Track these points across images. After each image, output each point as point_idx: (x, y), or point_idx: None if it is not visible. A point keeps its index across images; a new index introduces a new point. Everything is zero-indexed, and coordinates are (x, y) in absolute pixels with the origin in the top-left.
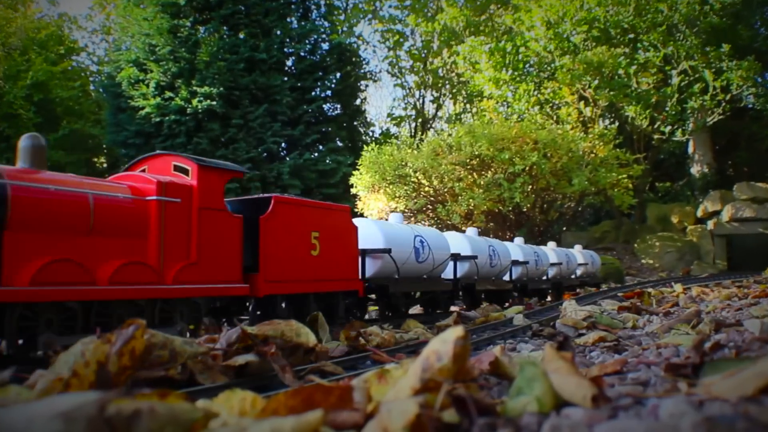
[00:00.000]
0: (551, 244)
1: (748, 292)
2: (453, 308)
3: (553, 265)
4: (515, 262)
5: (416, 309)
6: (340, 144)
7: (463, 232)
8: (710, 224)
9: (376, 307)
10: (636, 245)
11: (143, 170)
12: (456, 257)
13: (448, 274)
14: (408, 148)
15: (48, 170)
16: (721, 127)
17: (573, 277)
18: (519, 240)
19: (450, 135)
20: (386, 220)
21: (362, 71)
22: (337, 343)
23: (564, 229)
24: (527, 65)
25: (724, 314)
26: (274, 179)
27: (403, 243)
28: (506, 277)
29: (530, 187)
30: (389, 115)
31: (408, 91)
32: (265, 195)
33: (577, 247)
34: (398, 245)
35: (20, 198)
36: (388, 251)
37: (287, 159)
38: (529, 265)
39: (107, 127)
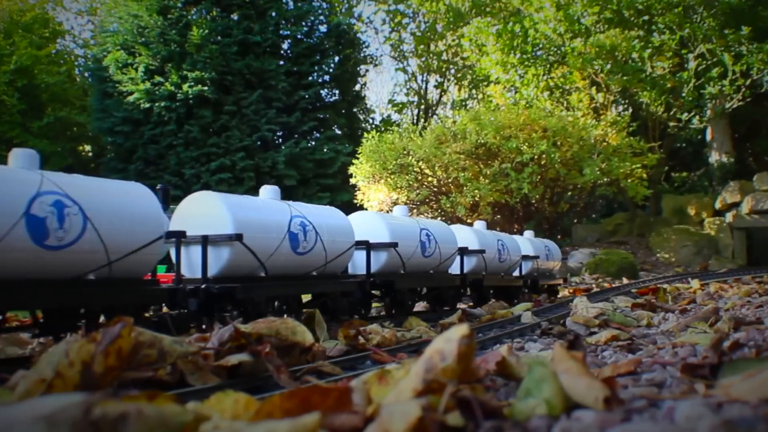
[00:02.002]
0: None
1: None
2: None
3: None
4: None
5: (420, 306)
6: (338, 132)
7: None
8: (729, 216)
9: (380, 304)
10: (651, 239)
11: None
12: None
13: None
14: (410, 136)
15: None
16: (740, 113)
17: (514, 275)
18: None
19: (454, 122)
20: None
21: (362, 55)
22: (335, 342)
23: (575, 221)
24: (536, 48)
25: (743, 312)
26: (268, 169)
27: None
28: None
29: (539, 177)
30: (390, 101)
31: (410, 75)
32: None
33: (527, 234)
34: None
35: None
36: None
37: (282, 148)
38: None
39: (93, 114)
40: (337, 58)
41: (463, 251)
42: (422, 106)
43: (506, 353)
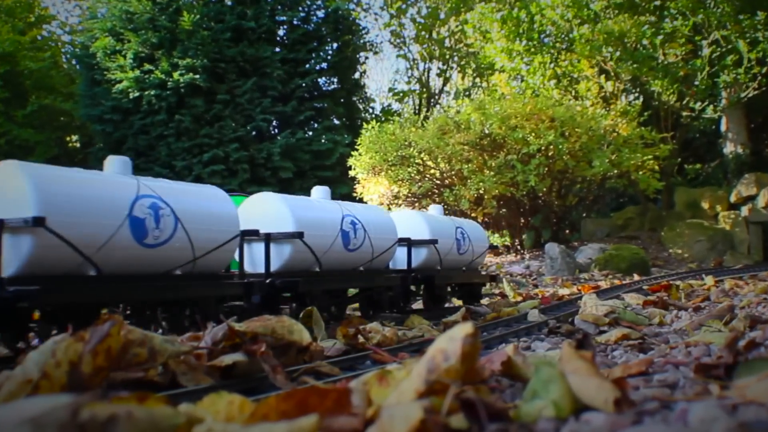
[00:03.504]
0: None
1: None
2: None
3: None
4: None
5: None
6: (336, 122)
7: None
8: (745, 210)
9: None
10: (663, 233)
11: None
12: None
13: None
14: (412, 126)
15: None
16: (756, 103)
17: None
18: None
19: (458, 112)
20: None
21: (362, 41)
22: (333, 342)
23: (584, 215)
24: (543, 35)
25: (759, 309)
26: (263, 161)
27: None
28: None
29: (546, 169)
30: (391, 89)
31: (412, 63)
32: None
33: (433, 208)
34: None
35: None
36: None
37: (278, 138)
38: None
39: (81, 102)
40: (335, 45)
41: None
42: (424, 95)
43: (512, 353)
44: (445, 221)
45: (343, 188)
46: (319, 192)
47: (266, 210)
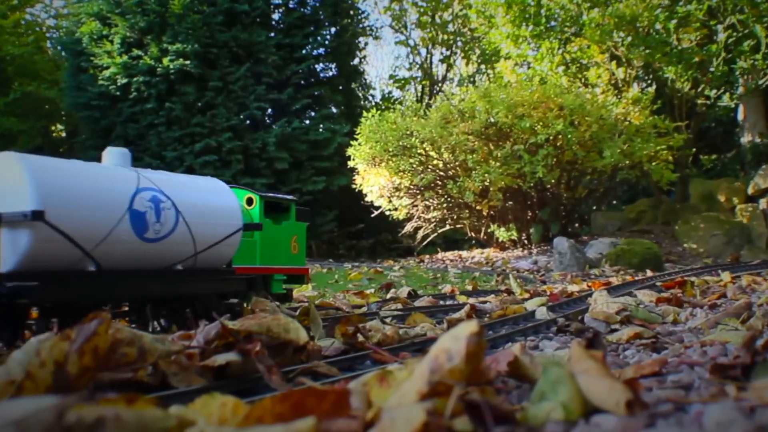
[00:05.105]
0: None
1: None
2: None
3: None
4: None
5: None
6: (334, 110)
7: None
8: (763, 203)
9: None
10: (677, 227)
11: None
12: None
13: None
14: (413, 114)
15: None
16: None
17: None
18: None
19: (462, 100)
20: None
21: (361, 26)
22: (331, 341)
23: (594, 208)
24: (550, 20)
25: None
26: (258, 151)
27: None
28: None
29: (555, 160)
30: (392, 76)
31: (413, 48)
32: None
33: (109, 153)
34: None
35: None
36: None
37: (273, 127)
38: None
39: (66, 90)
40: (333, 30)
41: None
42: (427, 83)
43: (519, 352)
44: (105, 174)
45: (342, 179)
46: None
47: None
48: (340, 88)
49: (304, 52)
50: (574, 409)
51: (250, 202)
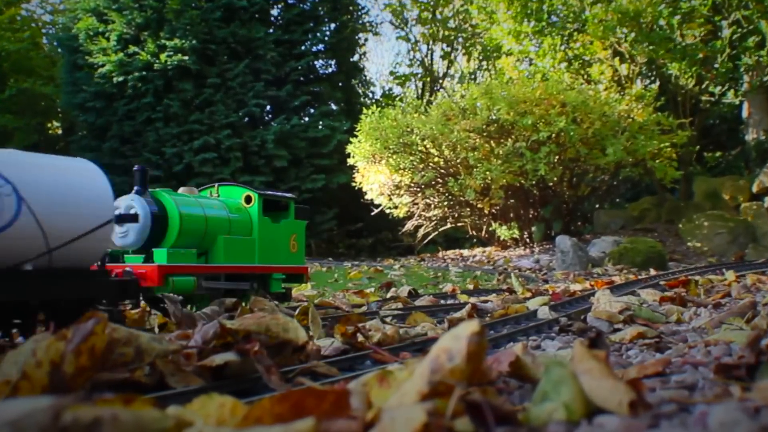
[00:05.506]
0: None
1: None
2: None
3: None
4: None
5: None
6: (334, 107)
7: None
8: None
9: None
10: (681, 225)
11: None
12: None
13: None
14: (414, 111)
15: None
16: None
17: None
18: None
19: (463, 96)
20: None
21: (361, 22)
22: (331, 340)
23: (597, 206)
24: (553, 15)
25: None
26: (257, 148)
27: None
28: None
29: (557, 157)
30: (392, 73)
31: (413, 44)
32: None
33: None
34: None
35: None
36: None
37: (272, 124)
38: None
39: (62, 87)
40: (332, 25)
41: None
42: (427, 79)
43: (521, 352)
44: None
45: (342, 177)
46: None
47: None
48: (340, 84)
49: (303, 48)
50: (577, 410)
51: (248, 200)
